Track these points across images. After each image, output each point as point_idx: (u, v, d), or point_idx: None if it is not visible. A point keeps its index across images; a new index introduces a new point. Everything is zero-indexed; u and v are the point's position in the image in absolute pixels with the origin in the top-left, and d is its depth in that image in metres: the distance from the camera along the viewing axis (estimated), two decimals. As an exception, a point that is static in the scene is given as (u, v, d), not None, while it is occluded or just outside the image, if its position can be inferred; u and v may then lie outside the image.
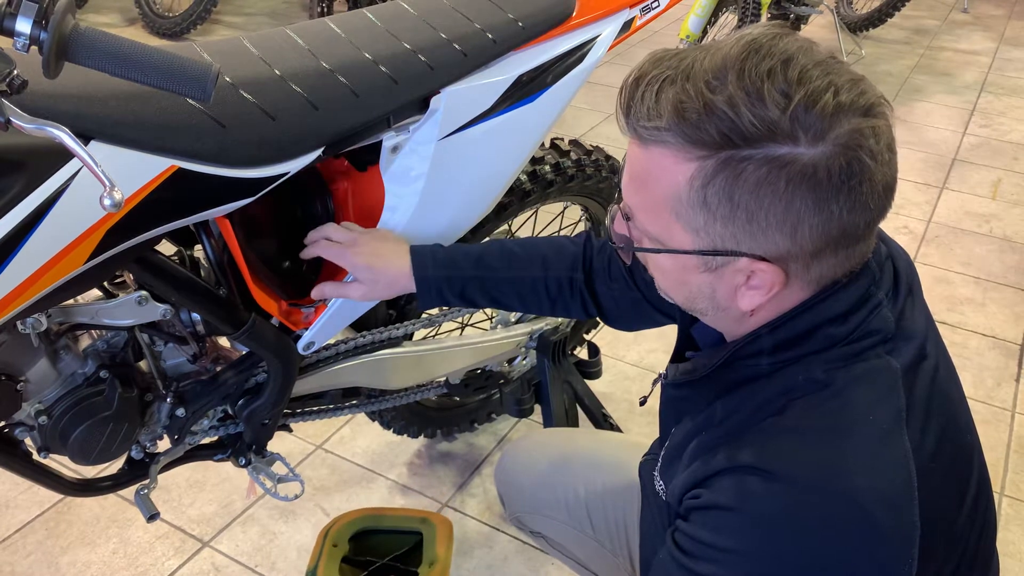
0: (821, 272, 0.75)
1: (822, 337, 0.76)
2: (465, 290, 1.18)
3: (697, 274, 0.77)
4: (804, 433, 0.74)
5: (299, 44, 1.12)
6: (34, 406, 1.12)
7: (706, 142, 0.69)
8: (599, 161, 1.65)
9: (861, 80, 0.70)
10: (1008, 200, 3.16)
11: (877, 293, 0.78)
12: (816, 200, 0.69)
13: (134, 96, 0.94)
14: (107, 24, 4.69)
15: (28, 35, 0.73)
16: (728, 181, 0.69)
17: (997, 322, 2.47)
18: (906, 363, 0.77)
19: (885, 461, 0.72)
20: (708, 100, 0.68)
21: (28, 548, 1.68)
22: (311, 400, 1.48)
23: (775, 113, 0.67)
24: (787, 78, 0.67)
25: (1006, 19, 5.44)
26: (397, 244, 1.20)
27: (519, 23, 1.24)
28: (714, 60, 0.69)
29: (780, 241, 0.71)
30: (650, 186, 0.74)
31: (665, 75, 0.71)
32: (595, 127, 3.64)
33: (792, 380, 0.76)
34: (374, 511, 1.37)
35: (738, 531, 0.72)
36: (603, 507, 1.22)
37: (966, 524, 0.79)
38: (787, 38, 0.70)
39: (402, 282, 1.17)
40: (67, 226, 0.90)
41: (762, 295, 0.75)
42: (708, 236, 0.73)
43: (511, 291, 1.19)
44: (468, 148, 1.23)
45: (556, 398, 1.73)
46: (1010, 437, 2.05)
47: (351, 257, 1.16)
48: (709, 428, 0.82)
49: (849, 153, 0.68)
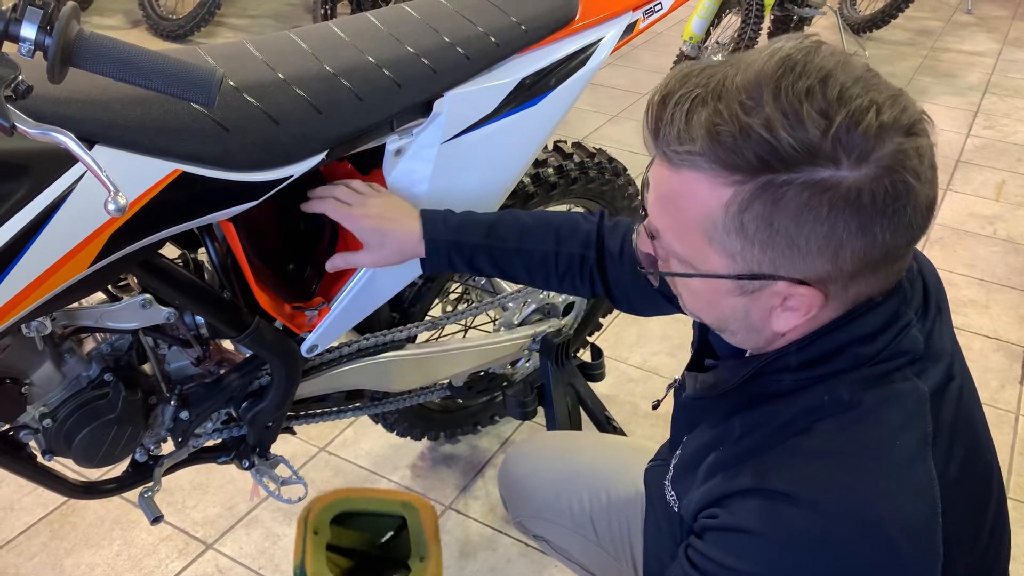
0: (859, 292, 0.73)
1: (850, 356, 0.74)
2: (474, 258, 1.15)
3: (731, 297, 0.74)
4: (829, 457, 0.72)
5: (303, 48, 1.13)
6: (39, 409, 1.13)
7: (742, 167, 0.66)
8: (602, 164, 1.65)
9: (901, 95, 0.67)
10: (1012, 202, 3.16)
11: (907, 312, 0.76)
12: (860, 224, 0.66)
13: (138, 100, 0.95)
14: (111, 26, 4.70)
15: (33, 40, 0.73)
16: (767, 207, 0.66)
17: (1001, 324, 2.46)
18: (934, 386, 0.75)
19: (911, 488, 0.70)
20: (744, 123, 0.65)
21: (33, 550, 1.68)
22: (315, 403, 1.48)
23: (815, 135, 0.64)
24: (827, 97, 0.64)
25: (1010, 20, 5.43)
26: (407, 206, 1.17)
27: (522, 26, 1.24)
28: (747, 78, 0.66)
29: (820, 265, 0.69)
30: (681, 209, 0.71)
31: (695, 94, 0.68)
32: (598, 129, 3.64)
33: (817, 400, 0.74)
34: (351, 492, 1.33)
35: (756, 554, 0.71)
36: (607, 513, 1.22)
37: (985, 544, 0.78)
38: (822, 52, 0.67)
39: (411, 246, 1.14)
40: (71, 230, 0.91)
41: (799, 317, 0.73)
42: (744, 261, 0.70)
43: (519, 263, 1.16)
44: (471, 151, 1.24)
45: (559, 401, 1.73)
46: (1014, 440, 2.05)
47: (359, 219, 1.13)
48: (727, 444, 0.80)
49: (894, 175, 0.65)
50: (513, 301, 1.64)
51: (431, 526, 1.28)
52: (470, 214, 1.18)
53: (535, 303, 1.71)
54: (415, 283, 1.49)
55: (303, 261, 1.34)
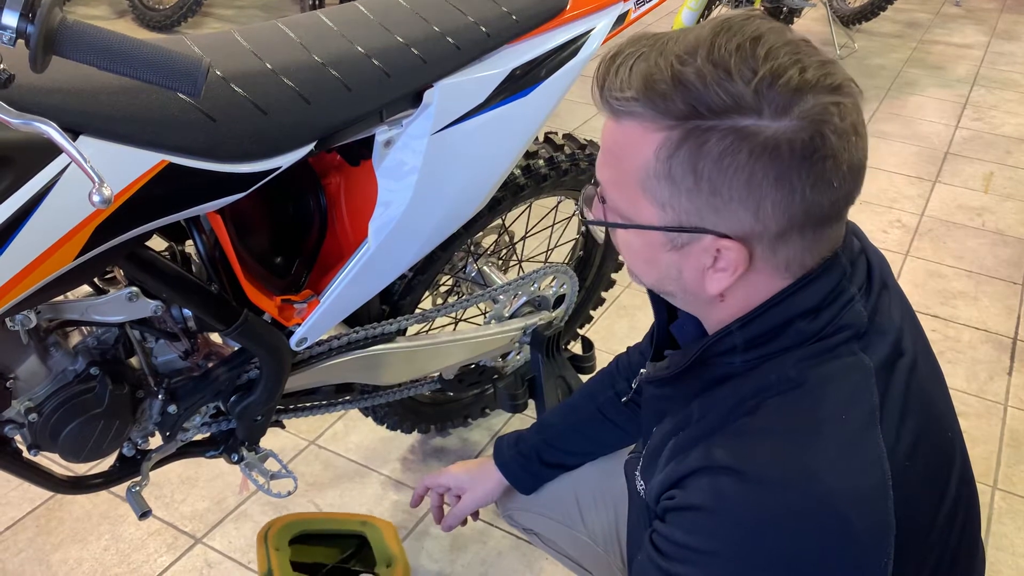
0: (788, 256, 0.74)
1: (794, 333, 0.76)
2: (542, 455, 1.25)
3: (664, 252, 0.77)
4: (776, 433, 0.73)
5: (291, 37, 1.11)
6: (24, 403, 1.11)
7: (673, 113, 0.70)
8: (593, 155, 1.64)
9: (831, 63, 0.71)
10: (1000, 193, 3.17)
11: (849, 288, 0.78)
12: (778, 175, 0.69)
13: (123, 90, 0.93)
14: (96, 16, 4.66)
15: (15, 28, 0.72)
16: (692, 152, 0.70)
17: (989, 315, 2.48)
18: (880, 360, 0.76)
19: (857, 461, 0.71)
20: (677, 72, 0.69)
21: (19, 545, 1.67)
22: (304, 396, 1.48)
23: (740, 86, 0.68)
24: (755, 54, 0.68)
25: (998, 13, 5.45)
26: None
27: (513, 16, 1.23)
28: (687, 39, 0.71)
29: (743, 217, 0.71)
30: (620, 159, 0.75)
31: (640, 52, 0.72)
32: (589, 120, 3.63)
33: (765, 379, 0.76)
34: (309, 516, 1.35)
35: (711, 532, 0.72)
36: (594, 505, 1.22)
37: (946, 522, 0.79)
38: (760, 20, 0.71)
39: (493, 479, 1.27)
40: (56, 222, 0.89)
41: (728, 277, 0.75)
42: (673, 211, 0.73)
43: (576, 436, 1.25)
44: (461, 142, 1.23)
45: (550, 393, 1.72)
46: (1002, 431, 2.06)
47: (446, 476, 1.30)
48: (686, 428, 0.82)
49: (812, 128, 0.68)
50: (504, 294, 1.64)
51: (393, 539, 1.29)
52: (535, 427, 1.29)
53: (526, 295, 1.70)
54: (405, 276, 1.49)
55: (292, 253, 1.33)
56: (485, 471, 1.28)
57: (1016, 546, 1.76)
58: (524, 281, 1.64)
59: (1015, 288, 2.61)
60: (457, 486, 1.29)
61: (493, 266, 1.77)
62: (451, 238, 1.44)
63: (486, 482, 1.27)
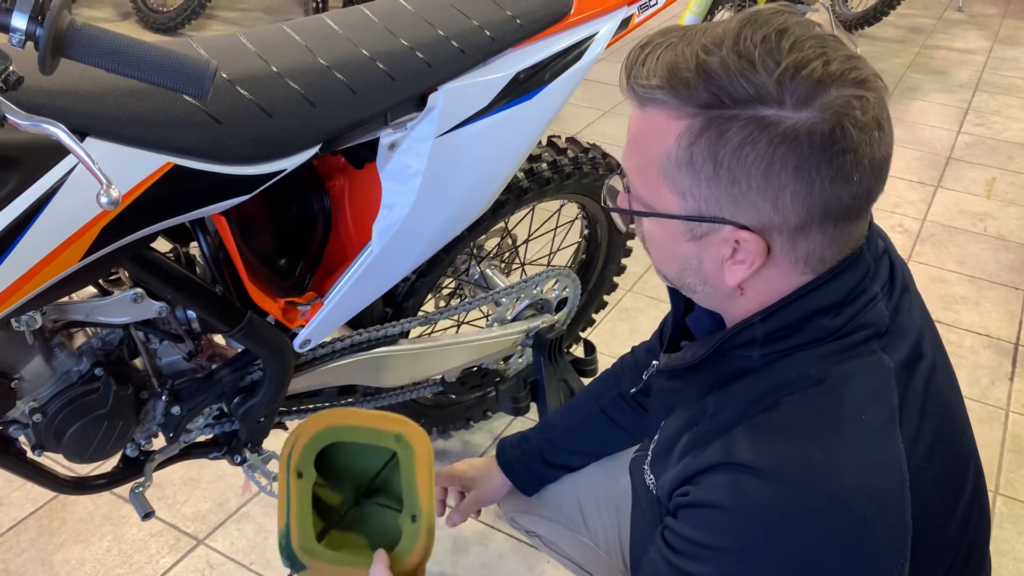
0: (808, 251, 0.74)
1: (815, 328, 0.75)
2: (545, 455, 1.25)
3: (684, 243, 0.77)
4: (795, 431, 0.73)
5: (296, 41, 1.12)
6: (28, 404, 1.12)
7: (696, 101, 0.70)
8: (596, 159, 1.64)
9: (857, 58, 0.70)
10: (1003, 199, 3.17)
11: (872, 287, 0.77)
12: (796, 165, 0.69)
13: (130, 92, 0.94)
14: (100, 18, 4.67)
15: (24, 31, 0.72)
16: (713, 140, 0.70)
17: (992, 321, 2.48)
18: (900, 360, 0.76)
19: (876, 461, 0.71)
20: (702, 61, 0.69)
21: (22, 546, 1.67)
22: (307, 398, 1.48)
23: (763, 77, 0.68)
24: (779, 46, 0.68)
25: (1001, 18, 5.45)
26: None
27: (517, 20, 1.23)
28: (715, 30, 0.71)
29: (762, 207, 0.71)
30: (645, 146, 0.75)
31: (668, 42, 0.73)
32: (592, 124, 3.64)
33: (784, 375, 0.76)
34: (336, 419, 1.17)
35: (726, 529, 0.72)
36: (596, 508, 1.22)
37: (960, 526, 0.79)
38: (788, 15, 0.71)
39: (498, 478, 1.28)
40: (62, 223, 0.90)
41: (746, 269, 0.75)
42: (694, 199, 0.73)
43: (578, 436, 1.25)
44: (465, 145, 1.23)
45: (552, 396, 1.72)
46: (1004, 436, 2.06)
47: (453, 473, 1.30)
48: (700, 422, 0.81)
49: (833, 120, 0.68)
50: (506, 297, 1.64)
51: (424, 466, 1.12)
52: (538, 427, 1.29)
53: (528, 298, 1.70)
54: (408, 278, 1.49)
55: (296, 255, 1.33)
56: (491, 470, 1.28)
57: (1017, 551, 1.76)
58: (527, 284, 1.64)
59: (1017, 293, 2.61)
60: (463, 483, 1.29)
61: (496, 269, 1.78)
62: (454, 241, 1.44)
63: (492, 481, 1.28)
